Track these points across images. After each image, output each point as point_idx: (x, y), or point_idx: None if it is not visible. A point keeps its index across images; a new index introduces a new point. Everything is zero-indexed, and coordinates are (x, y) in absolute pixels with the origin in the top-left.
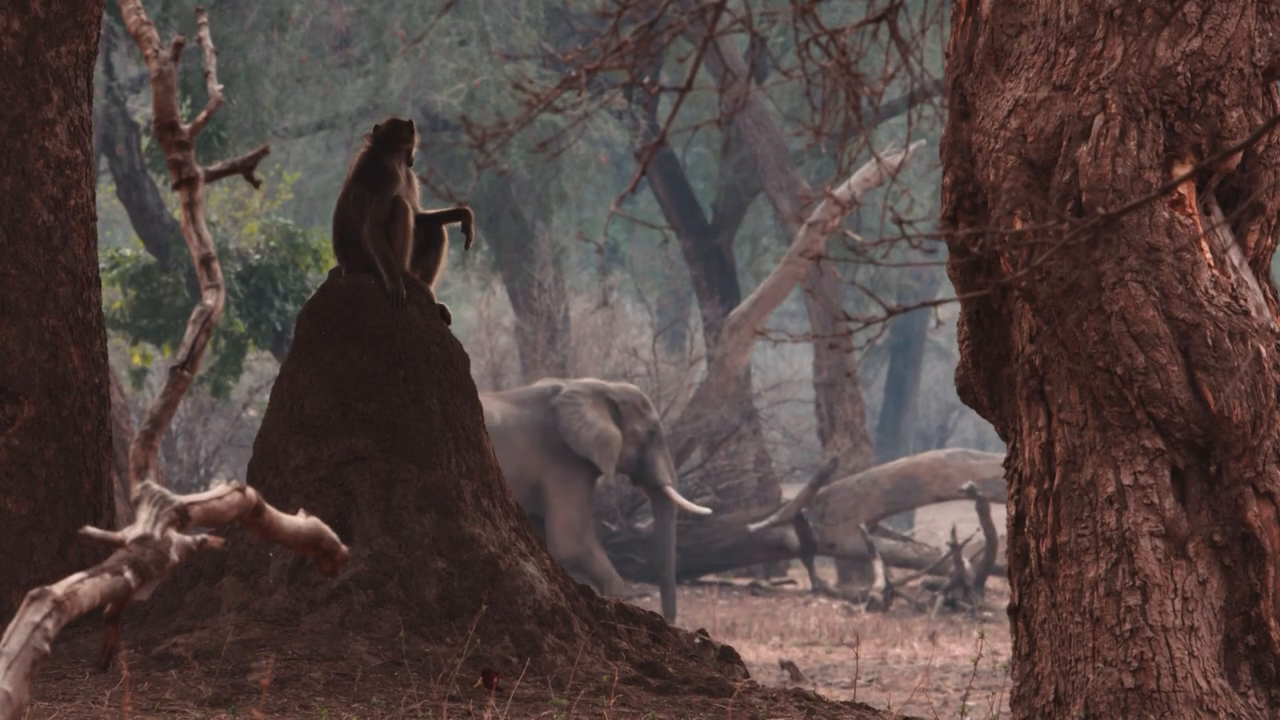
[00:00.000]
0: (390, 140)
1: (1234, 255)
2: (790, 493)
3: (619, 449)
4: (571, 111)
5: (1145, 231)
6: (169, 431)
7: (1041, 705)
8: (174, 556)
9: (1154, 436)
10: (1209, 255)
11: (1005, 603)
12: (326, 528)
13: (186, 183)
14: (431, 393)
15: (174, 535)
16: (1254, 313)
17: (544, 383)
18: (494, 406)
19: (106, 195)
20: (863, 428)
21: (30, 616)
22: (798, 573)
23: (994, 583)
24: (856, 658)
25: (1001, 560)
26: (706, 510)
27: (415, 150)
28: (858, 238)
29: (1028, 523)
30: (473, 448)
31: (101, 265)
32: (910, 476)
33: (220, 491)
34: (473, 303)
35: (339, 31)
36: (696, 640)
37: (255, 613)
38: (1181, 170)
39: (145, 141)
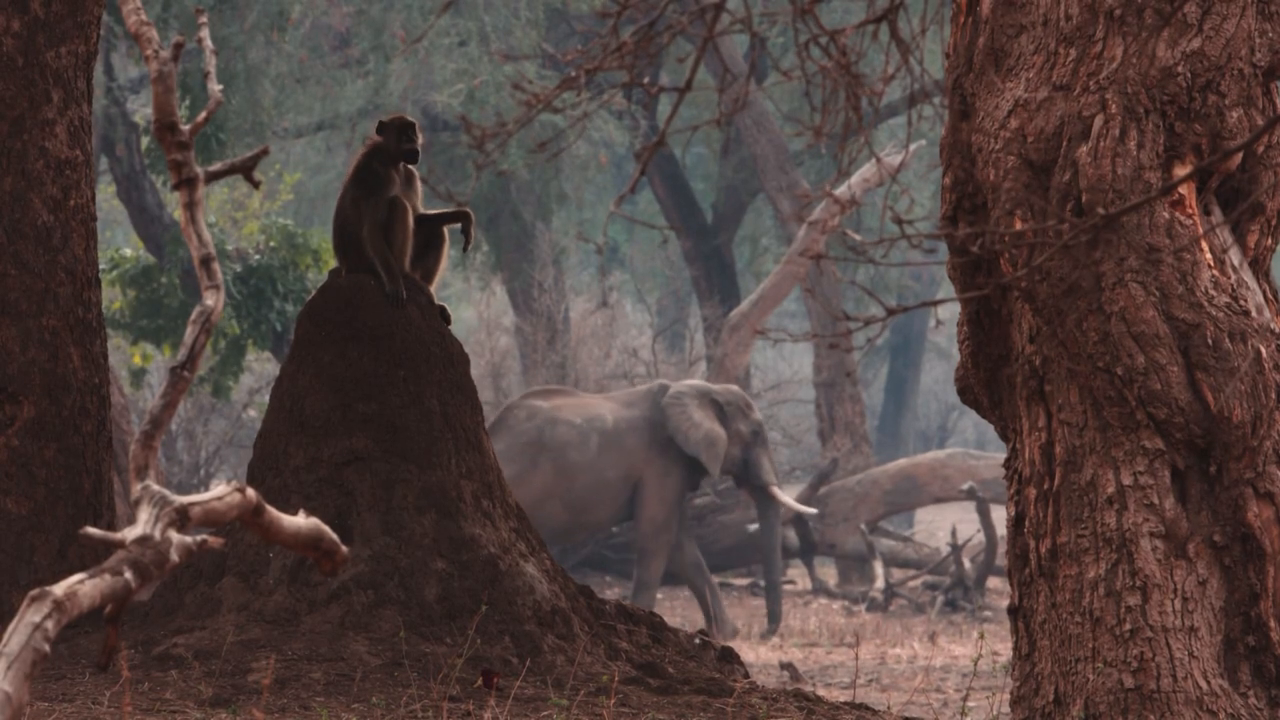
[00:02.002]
0: (391, 140)
1: (1234, 255)
2: (790, 493)
3: (724, 449)
4: (571, 112)
5: (1145, 232)
6: (169, 432)
7: (1041, 706)
8: (174, 557)
9: (1154, 437)
10: (1209, 255)
11: (1005, 603)
12: (326, 528)
13: (186, 183)
14: (431, 393)
15: (174, 536)
16: (1254, 313)
17: (652, 383)
18: (605, 409)
19: (106, 195)
20: (863, 428)
21: (30, 617)
22: (798, 573)
23: (994, 583)
24: (856, 658)
25: (1001, 560)
26: (813, 510)
27: (418, 149)
28: (858, 238)
29: (1027, 523)
30: (473, 448)
31: (101, 266)
32: (910, 477)
33: (220, 492)
34: (473, 303)
35: (339, 32)
36: (696, 641)
37: (255, 613)
38: (1181, 170)
39: (145, 142)
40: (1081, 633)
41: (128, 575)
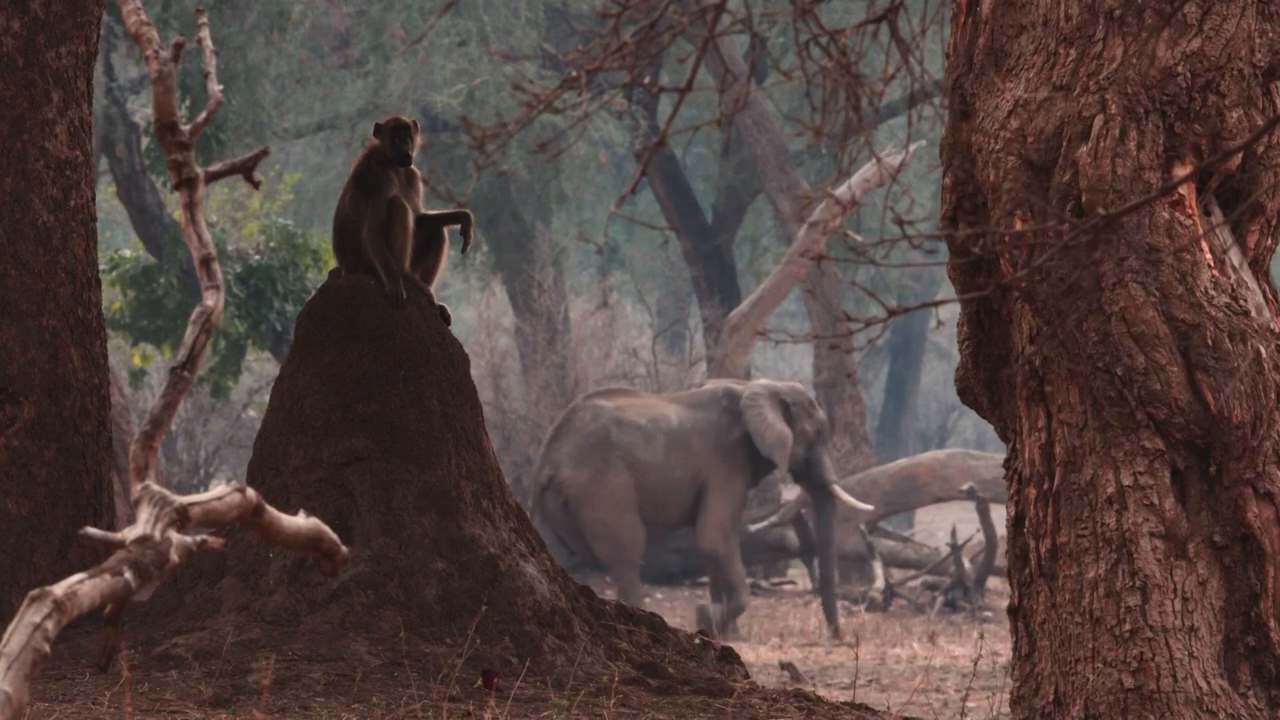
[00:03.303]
0: (385, 143)
1: (1234, 256)
2: (790, 493)
3: (791, 448)
4: (571, 112)
5: (1145, 232)
6: (169, 432)
7: (1041, 706)
8: (174, 557)
9: (1154, 437)
10: (1209, 256)
11: (1005, 603)
12: (326, 528)
13: (186, 183)
14: (431, 393)
15: (174, 536)
16: (1254, 313)
17: (714, 385)
18: (670, 410)
19: (106, 196)
20: (862, 428)
21: (30, 617)
22: (797, 573)
23: (994, 583)
24: (856, 658)
25: (1001, 561)
26: (869, 507)
27: (416, 149)
28: (858, 238)
29: (1027, 523)
30: (473, 448)
31: (101, 266)
32: (910, 477)
33: (220, 492)
34: (473, 303)
35: (339, 32)
36: (696, 641)
37: (255, 613)
38: (1181, 171)
39: (145, 142)
40: (1081, 633)
41: (128, 575)
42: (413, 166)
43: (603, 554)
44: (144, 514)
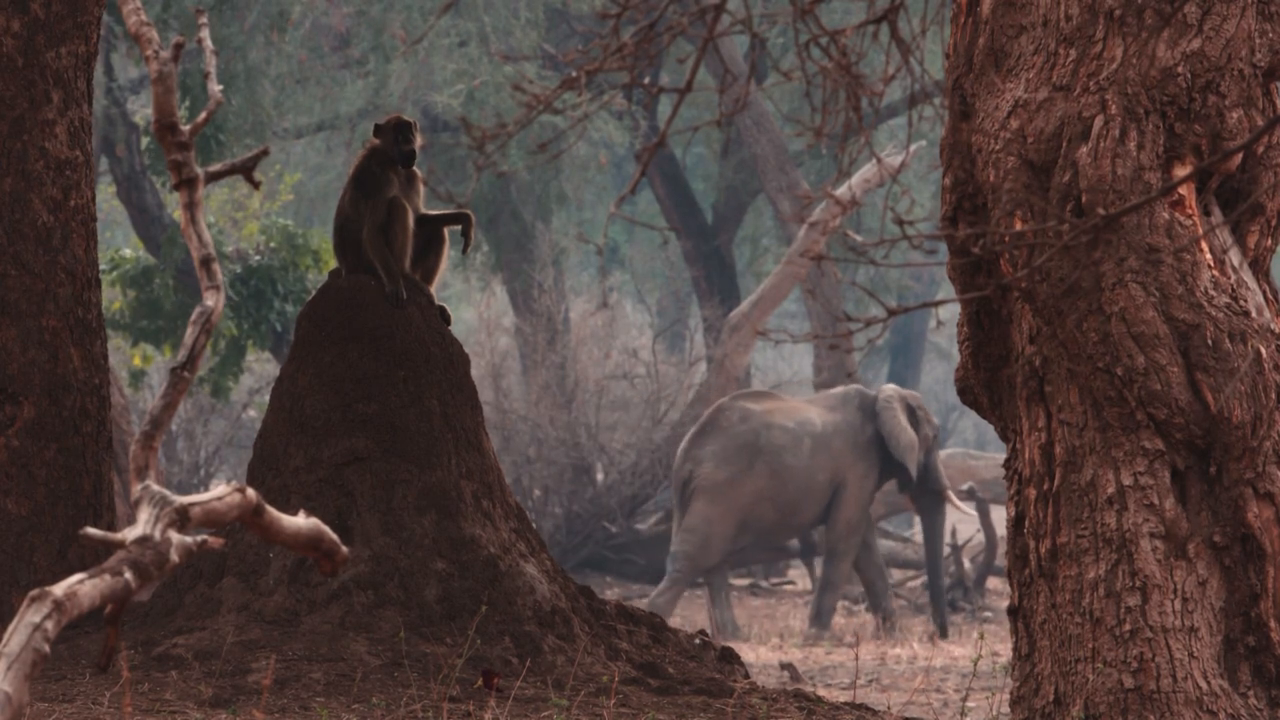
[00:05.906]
0: (388, 142)
1: (1234, 256)
2: None
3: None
4: (571, 112)
5: (1145, 232)
6: (169, 432)
7: (1041, 706)
8: (174, 557)
9: (1154, 437)
10: (1209, 256)
11: (1005, 603)
12: (326, 528)
13: (186, 183)
14: (431, 393)
15: (174, 536)
16: (1254, 313)
17: (843, 387)
18: (812, 413)
19: (106, 196)
20: None
21: (30, 617)
22: (797, 573)
23: (994, 583)
24: (856, 658)
25: (1001, 561)
26: (972, 512)
27: (418, 148)
28: (858, 238)
29: (1027, 523)
30: (473, 448)
31: (101, 266)
32: None
33: (220, 492)
34: (473, 303)
35: (339, 32)
36: (696, 641)
37: (255, 613)
38: (1181, 171)
39: (145, 142)
40: (1081, 633)
41: (128, 575)
42: (413, 167)
43: (681, 544)
44: (144, 514)
